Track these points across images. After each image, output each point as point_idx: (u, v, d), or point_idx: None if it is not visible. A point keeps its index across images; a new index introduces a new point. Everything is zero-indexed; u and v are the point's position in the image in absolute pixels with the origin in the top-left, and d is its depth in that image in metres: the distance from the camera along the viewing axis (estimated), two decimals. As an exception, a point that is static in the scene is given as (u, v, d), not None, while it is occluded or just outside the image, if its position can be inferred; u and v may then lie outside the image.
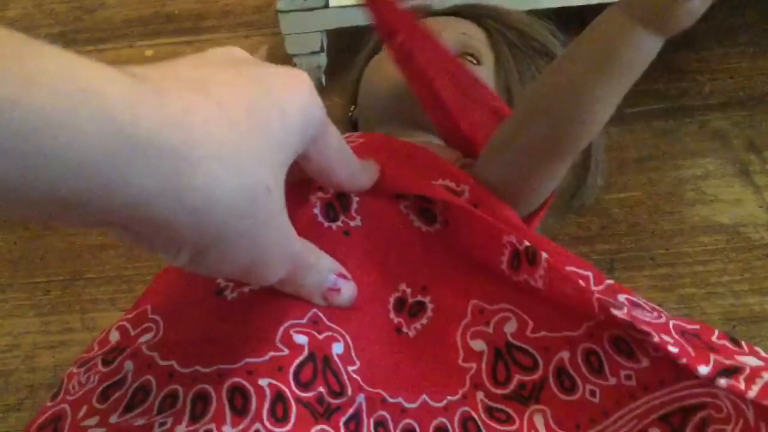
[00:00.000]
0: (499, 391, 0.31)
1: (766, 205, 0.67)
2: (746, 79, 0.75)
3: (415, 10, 0.62)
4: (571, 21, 0.62)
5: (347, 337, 0.30)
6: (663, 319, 0.28)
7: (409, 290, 0.34)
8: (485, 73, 0.55)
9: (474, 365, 0.32)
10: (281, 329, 0.28)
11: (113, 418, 0.27)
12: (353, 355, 0.30)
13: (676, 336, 0.28)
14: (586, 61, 0.33)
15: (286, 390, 0.26)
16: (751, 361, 0.27)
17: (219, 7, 0.89)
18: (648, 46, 0.32)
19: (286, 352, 0.27)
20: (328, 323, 0.30)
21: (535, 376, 0.31)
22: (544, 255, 0.30)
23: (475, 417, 0.31)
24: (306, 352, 0.28)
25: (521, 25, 0.59)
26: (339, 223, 0.33)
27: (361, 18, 0.71)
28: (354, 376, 0.29)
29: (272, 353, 0.27)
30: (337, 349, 0.29)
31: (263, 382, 0.26)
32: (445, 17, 0.60)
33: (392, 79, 0.50)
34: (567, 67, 0.34)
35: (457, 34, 0.55)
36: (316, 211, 0.33)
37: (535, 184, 0.37)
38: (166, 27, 0.88)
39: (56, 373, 0.62)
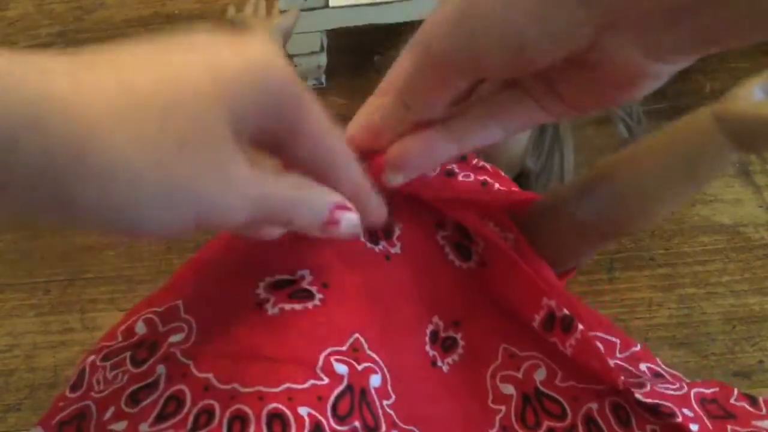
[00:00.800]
0: None
1: (766, 205, 0.67)
2: (746, 79, 0.75)
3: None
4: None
5: (385, 369, 0.30)
6: (684, 390, 0.29)
7: (441, 324, 0.34)
8: None
9: (503, 408, 0.32)
10: (322, 357, 0.28)
11: (144, 427, 0.27)
12: (389, 388, 0.29)
13: (696, 408, 0.28)
14: (665, 165, 0.33)
15: (324, 422, 0.26)
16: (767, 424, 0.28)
17: (219, 7, 0.89)
18: (731, 161, 0.32)
19: (326, 381, 0.27)
20: (369, 352, 0.29)
21: (565, 423, 0.31)
22: (580, 327, 0.30)
23: None
24: (345, 383, 0.28)
25: None
26: (380, 247, 0.33)
27: (361, 18, 0.71)
28: (389, 411, 0.29)
29: (313, 381, 0.27)
30: (375, 381, 0.29)
31: (303, 411, 0.26)
32: None
33: None
34: (643, 162, 0.33)
35: None
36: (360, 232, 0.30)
37: (576, 257, 0.37)
38: (166, 27, 0.88)
39: (56, 373, 0.62)
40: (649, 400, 0.28)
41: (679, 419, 0.28)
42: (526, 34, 0.23)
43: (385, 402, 0.29)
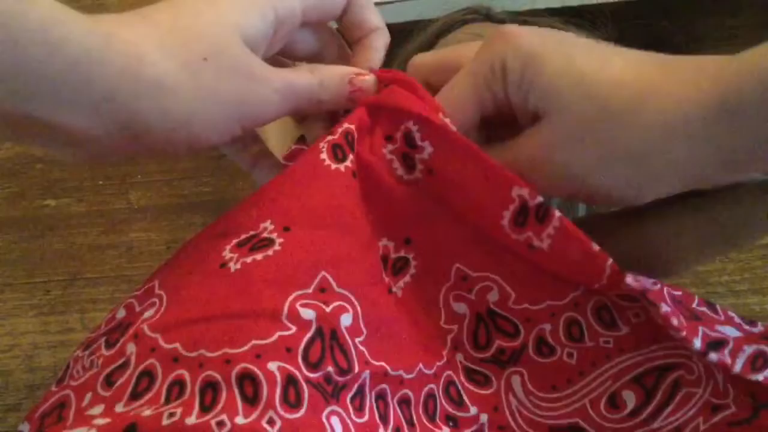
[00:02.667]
0: (478, 355, 0.31)
1: (766, 205, 0.67)
2: None
3: (475, 10, 0.61)
4: (574, 21, 0.62)
5: (356, 302, 0.29)
6: (658, 286, 0.29)
7: (391, 244, 0.32)
8: None
9: (455, 327, 0.32)
10: (287, 303, 0.27)
11: (119, 407, 0.26)
12: (361, 324, 0.29)
13: (671, 304, 0.28)
14: (707, 230, 0.33)
15: (297, 372, 0.26)
16: (730, 331, 0.28)
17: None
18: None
19: (294, 330, 0.26)
20: (337, 289, 0.28)
21: (516, 343, 0.31)
22: (557, 213, 0.29)
23: (456, 380, 0.31)
24: (313, 328, 0.27)
25: None
26: (347, 163, 0.31)
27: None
28: (361, 348, 0.28)
29: (279, 333, 0.26)
30: (345, 321, 0.28)
31: (272, 366, 0.25)
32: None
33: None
34: (686, 224, 0.34)
35: None
36: (323, 156, 0.31)
37: None
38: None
39: (56, 373, 0.62)
40: (636, 285, 0.27)
41: (664, 309, 0.27)
42: (623, 197, 0.28)
43: (357, 339, 0.28)
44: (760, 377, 0.27)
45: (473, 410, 0.31)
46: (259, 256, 0.28)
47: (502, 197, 0.29)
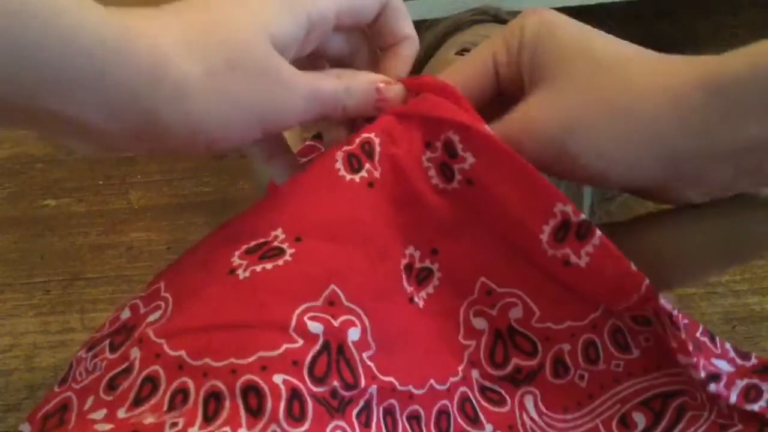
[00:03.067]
0: (494, 372, 0.31)
1: (766, 205, 0.67)
2: None
3: (484, 11, 0.61)
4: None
5: (365, 317, 0.28)
6: (676, 311, 0.29)
7: (417, 254, 0.31)
8: None
9: (473, 343, 0.31)
10: (295, 316, 0.27)
11: (121, 413, 0.26)
12: (369, 338, 0.28)
13: (684, 332, 0.28)
14: (712, 243, 0.33)
15: (302, 386, 0.25)
16: (723, 365, 0.29)
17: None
18: None
19: (301, 343, 0.26)
20: (346, 303, 0.28)
21: (533, 363, 0.31)
22: (598, 232, 0.28)
23: (471, 397, 0.31)
24: (321, 342, 0.27)
25: None
26: (362, 174, 0.30)
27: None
28: (368, 363, 0.28)
29: (286, 345, 0.26)
30: (353, 335, 0.28)
31: (278, 378, 0.25)
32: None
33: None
34: (694, 237, 0.34)
35: None
36: (338, 165, 0.30)
37: None
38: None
39: (56, 373, 0.62)
40: (668, 307, 0.28)
41: (683, 336, 0.28)
42: (609, 174, 0.28)
43: (365, 354, 0.28)
44: (755, 407, 0.28)
45: (489, 428, 0.31)
46: (269, 266, 0.28)
47: (545, 211, 0.29)
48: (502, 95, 0.31)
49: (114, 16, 0.23)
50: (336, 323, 0.27)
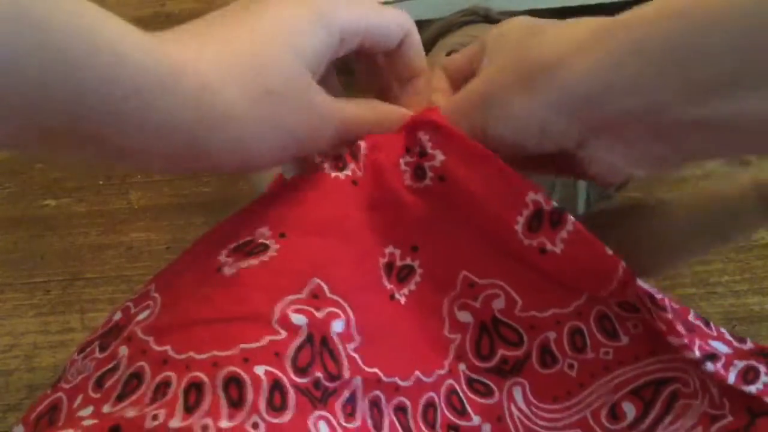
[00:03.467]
0: (481, 365, 0.31)
1: (766, 205, 0.67)
2: None
3: (474, 12, 0.61)
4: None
5: (350, 310, 0.29)
6: (661, 295, 0.29)
7: (398, 252, 0.32)
8: None
9: (459, 336, 0.31)
10: (278, 308, 0.27)
11: (106, 408, 0.26)
12: (353, 331, 0.29)
13: (672, 313, 0.28)
14: (698, 222, 0.34)
15: (284, 377, 0.25)
16: (720, 347, 0.29)
17: (219, 7, 0.89)
18: (762, 226, 0.34)
19: (283, 335, 0.26)
20: (330, 295, 0.28)
21: (519, 353, 0.31)
22: (571, 218, 0.29)
23: (458, 390, 0.31)
24: (304, 335, 0.27)
25: None
26: (347, 171, 0.31)
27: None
28: (353, 354, 0.28)
29: (269, 337, 0.26)
30: (337, 327, 0.28)
31: (259, 369, 0.25)
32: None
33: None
34: (677, 215, 0.34)
35: None
36: (324, 164, 0.31)
37: None
38: (166, 27, 0.88)
39: (56, 373, 0.62)
40: (648, 288, 0.28)
41: (669, 315, 0.27)
42: (528, 139, 0.28)
43: (349, 346, 0.28)
44: (753, 389, 0.28)
45: (476, 419, 0.31)
46: (254, 261, 0.28)
47: (517, 202, 0.30)
48: None
49: (153, 44, 0.24)
50: (319, 315, 0.27)
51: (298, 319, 0.27)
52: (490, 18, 0.61)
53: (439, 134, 0.31)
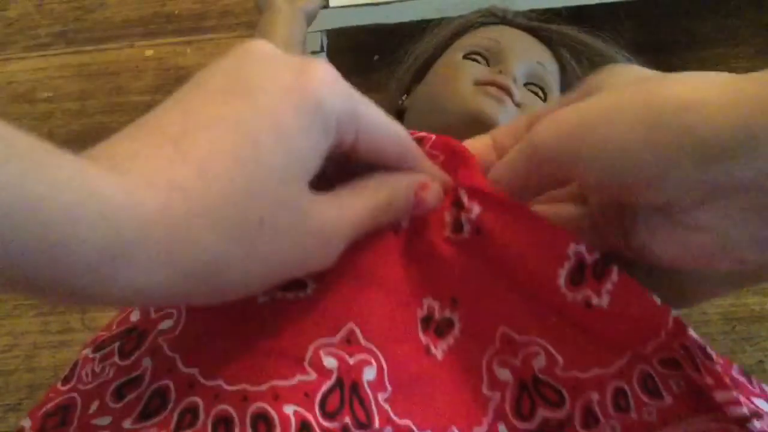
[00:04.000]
0: (521, 426, 0.29)
1: (766, 205, 0.67)
2: None
3: (492, 12, 0.61)
4: (574, 21, 0.62)
5: (381, 358, 0.28)
6: (708, 346, 0.28)
7: (437, 304, 0.31)
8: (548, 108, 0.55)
9: (498, 394, 0.30)
10: (311, 349, 0.27)
11: (127, 423, 0.26)
12: (385, 380, 0.28)
13: (720, 367, 0.27)
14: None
15: (312, 419, 0.25)
16: (763, 405, 0.27)
17: (219, 7, 0.89)
18: None
19: (314, 377, 0.26)
20: (364, 342, 0.28)
21: (561, 414, 0.29)
22: (615, 267, 0.28)
23: None
24: (334, 378, 0.27)
25: (598, 59, 0.57)
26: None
27: (361, 18, 0.71)
28: (384, 405, 0.28)
29: (300, 377, 0.26)
30: (369, 375, 0.28)
31: (288, 409, 0.25)
32: (523, 34, 0.58)
33: (464, 102, 0.50)
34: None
35: (533, 62, 0.55)
36: None
37: None
38: (166, 27, 0.88)
39: (56, 373, 0.62)
40: (700, 340, 0.27)
41: (719, 368, 0.26)
42: (635, 178, 0.24)
43: (380, 395, 0.28)
44: None
45: None
46: (289, 295, 0.28)
47: (557, 255, 0.28)
48: None
49: (126, 197, 0.20)
50: (351, 361, 0.27)
51: (330, 362, 0.27)
52: (507, 19, 0.61)
53: (475, 187, 0.30)
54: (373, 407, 0.27)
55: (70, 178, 0.19)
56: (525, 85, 0.54)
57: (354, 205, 0.26)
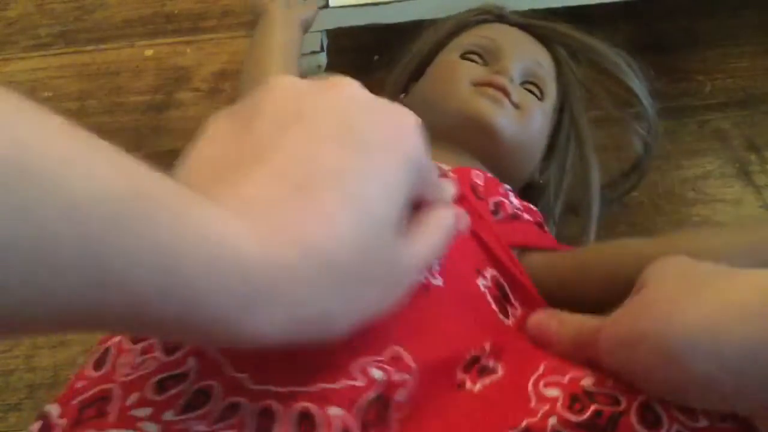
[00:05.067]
0: (572, 417, 0.28)
1: (766, 205, 0.67)
2: (746, 79, 0.75)
3: (488, 10, 0.61)
4: (574, 21, 0.62)
5: (414, 382, 0.29)
6: None
7: (488, 348, 0.33)
8: (545, 107, 0.55)
9: (547, 406, 0.29)
10: (358, 362, 0.28)
11: (168, 415, 0.26)
12: (408, 403, 0.29)
13: None
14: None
15: (353, 425, 0.26)
16: None
17: (219, 7, 0.89)
18: None
19: (360, 383, 0.27)
20: (410, 363, 0.29)
21: (616, 409, 0.28)
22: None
23: None
24: (377, 390, 0.27)
25: (594, 56, 0.58)
26: (420, 278, 0.32)
27: (361, 18, 0.71)
28: (395, 425, 0.28)
29: (347, 382, 0.27)
30: (401, 395, 0.28)
31: (333, 411, 0.25)
32: (519, 32, 0.58)
33: (462, 103, 0.51)
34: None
35: (529, 61, 0.55)
36: None
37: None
38: (166, 27, 0.88)
39: (56, 372, 0.62)
40: None
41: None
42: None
43: (396, 414, 0.28)
44: None
45: None
46: None
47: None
48: None
49: (261, 253, 0.21)
50: (395, 378, 0.28)
51: (378, 374, 0.27)
52: (503, 17, 0.61)
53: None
54: (391, 428, 0.28)
55: (212, 232, 0.20)
56: (522, 83, 0.54)
57: (421, 247, 0.27)
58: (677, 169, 0.69)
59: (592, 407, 0.28)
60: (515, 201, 0.46)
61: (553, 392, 0.30)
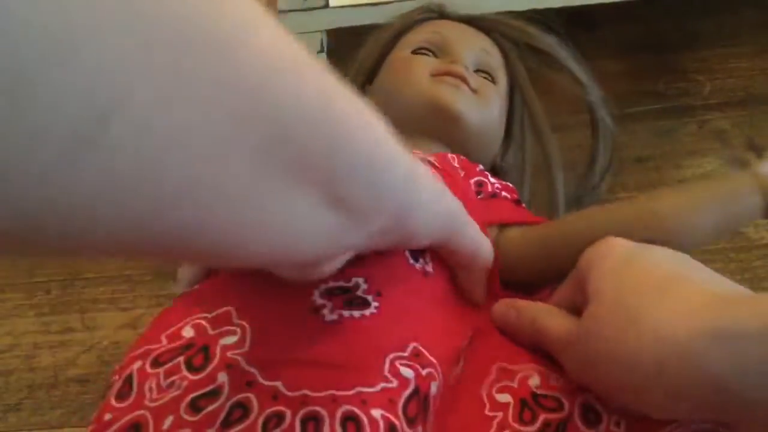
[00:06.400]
0: (525, 429, 0.31)
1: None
2: (746, 79, 0.75)
3: (430, 9, 0.62)
4: (574, 21, 0.62)
5: (440, 375, 0.30)
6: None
7: (466, 343, 0.35)
8: (500, 91, 0.57)
9: (500, 413, 0.32)
10: (387, 361, 0.28)
11: None
12: (439, 396, 0.30)
13: None
14: (706, 214, 0.37)
15: (398, 423, 0.26)
16: None
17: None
18: (760, 216, 0.37)
19: (396, 384, 0.27)
20: (430, 357, 0.30)
21: (561, 415, 0.31)
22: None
23: None
24: (412, 386, 0.28)
25: (530, 40, 0.60)
26: (419, 264, 0.34)
27: (361, 18, 0.71)
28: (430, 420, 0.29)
29: (383, 384, 0.27)
30: (434, 389, 0.29)
31: (376, 413, 0.26)
32: (463, 26, 0.60)
33: (424, 93, 0.52)
34: (694, 216, 0.37)
35: (478, 50, 0.57)
36: (406, 253, 0.34)
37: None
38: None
39: (56, 373, 0.62)
40: None
41: None
42: None
43: (432, 408, 0.30)
44: None
45: None
46: (356, 314, 0.30)
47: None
48: None
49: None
50: (423, 372, 0.29)
51: (407, 372, 0.28)
52: (446, 14, 0.63)
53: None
54: (430, 423, 0.29)
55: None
56: (475, 71, 0.55)
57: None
58: (677, 169, 0.69)
59: (542, 417, 0.31)
60: (493, 179, 0.47)
61: (504, 398, 0.32)
